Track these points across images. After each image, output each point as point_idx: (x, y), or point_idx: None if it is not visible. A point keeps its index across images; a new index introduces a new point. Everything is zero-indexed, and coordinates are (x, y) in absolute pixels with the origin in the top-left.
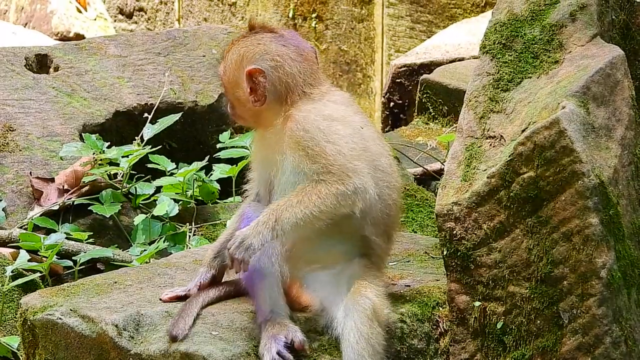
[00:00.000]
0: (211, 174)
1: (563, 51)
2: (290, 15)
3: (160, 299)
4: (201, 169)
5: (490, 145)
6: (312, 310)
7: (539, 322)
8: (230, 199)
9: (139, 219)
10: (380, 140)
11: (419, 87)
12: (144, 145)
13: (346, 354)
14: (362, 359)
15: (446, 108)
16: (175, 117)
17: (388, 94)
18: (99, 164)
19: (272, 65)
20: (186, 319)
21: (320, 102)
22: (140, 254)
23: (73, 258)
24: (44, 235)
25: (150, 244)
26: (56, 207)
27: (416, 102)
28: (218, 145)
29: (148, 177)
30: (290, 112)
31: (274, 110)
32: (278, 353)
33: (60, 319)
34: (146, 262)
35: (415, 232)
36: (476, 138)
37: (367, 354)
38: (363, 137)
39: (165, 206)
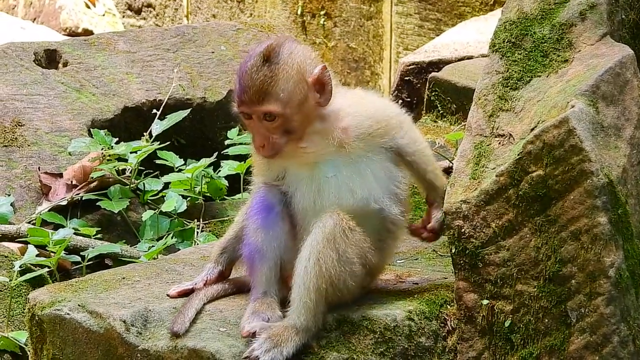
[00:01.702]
0: (219, 171)
1: (572, 50)
2: (299, 12)
3: (168, 295)
4: (209, 165)
5: (499, 143)
6: None
7: (546, 320)
8: (238, 195)
9: (147, 214)
10: None
11: (427, 85)
12: (152, 141)
13: (295, 269)
14: (306, 276)
15: (455, 106)
16: (184, 113)
17: (396, 91)
18: (108, 160)
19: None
20: (187, 314)
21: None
22: (148, 249)
23: (81, 253)
24: (52, 231)
25: (158, 240)
26: (64, 203)
27: (424, 100)
28: (226, 142)
29: (156, 173)
30: (331, 111)
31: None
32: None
33: (68, 314)
34: (154, 258)
35: None
36: (485, 136)
37: (314, 273)
38: None
39: (174, 202)
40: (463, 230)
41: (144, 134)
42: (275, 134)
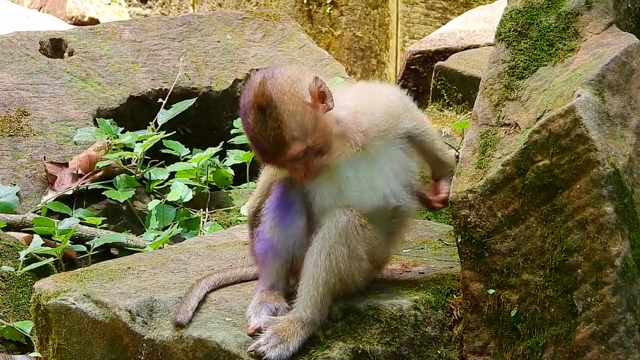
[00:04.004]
0: (225, 160)
1: (579, 39)
2: (305, 0)
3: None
4: (215, 154)
5: (505, 132)
6: None
7: (553, 310)
8: (244, 184)
9: (152, 204)
10: None
11: (433, 73)
12: (158, 131)
13: (305, 262)
14: (315, 270)
15: (461, 95)
16: (190, 102)
17: (402, 80)
18: (113, 149)
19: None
20: (189, 304)
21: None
22: (154, 239)
23: (87, 243)
24: (57, 220)
25: (164, 229)
26: (70, 192)
27: (430, 88)
28: (232, 131)
29: (162, 162)
30: (347, 114)
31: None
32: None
33: (73, 304)
34: (160, 248)
35: (430, 219)
36: (491, 125)
37: (324, 267)
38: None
39: (179, 192)
40: (469, 219)
41: (150, 123)
42: (310, 161)
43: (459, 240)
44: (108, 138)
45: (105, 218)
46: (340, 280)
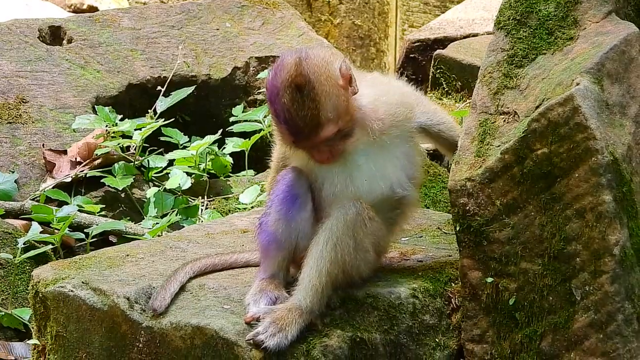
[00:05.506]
0: (224, 148)
1: (578, 28)
2: None
3: None
4: (214, 142)
5: (504, 121)
6: None
7: (551, 298)
8: (243, 172)
9: (151, 192)
10: None
11: (432, 62)
12: (157, 118)
13: (309, 250)
14: (320, 260)
15: (460, 83)
16: (189, 90)
17: (401, 69)
18: (112, 137)
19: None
20: (169, 289)
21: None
22: (153, 227)
23: (85, 230)
24: (56, 208)
25: (162, 217)
26: (68, 180)
27: (430, 77)
28: (231, 119)
29: (161, 150)
30: (367, 103)
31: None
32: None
33: (71, 291)
34: (158, 235)
35: (428, 207)
36: (490, 114)
37: (329, 258)
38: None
39: (178, 179)
40: (468, 207)
41: (149, 110)
42: (335, 144)
43: (458, 228)
44: (107, 125)
45: (104, 205)
46: (344, 272)
